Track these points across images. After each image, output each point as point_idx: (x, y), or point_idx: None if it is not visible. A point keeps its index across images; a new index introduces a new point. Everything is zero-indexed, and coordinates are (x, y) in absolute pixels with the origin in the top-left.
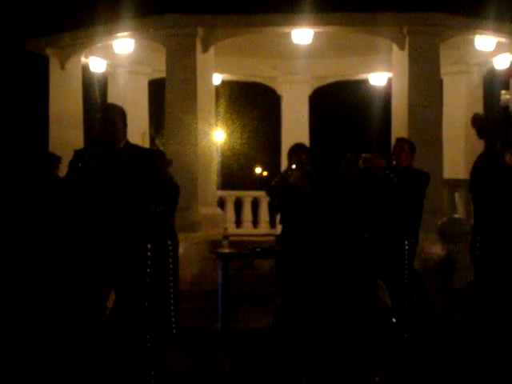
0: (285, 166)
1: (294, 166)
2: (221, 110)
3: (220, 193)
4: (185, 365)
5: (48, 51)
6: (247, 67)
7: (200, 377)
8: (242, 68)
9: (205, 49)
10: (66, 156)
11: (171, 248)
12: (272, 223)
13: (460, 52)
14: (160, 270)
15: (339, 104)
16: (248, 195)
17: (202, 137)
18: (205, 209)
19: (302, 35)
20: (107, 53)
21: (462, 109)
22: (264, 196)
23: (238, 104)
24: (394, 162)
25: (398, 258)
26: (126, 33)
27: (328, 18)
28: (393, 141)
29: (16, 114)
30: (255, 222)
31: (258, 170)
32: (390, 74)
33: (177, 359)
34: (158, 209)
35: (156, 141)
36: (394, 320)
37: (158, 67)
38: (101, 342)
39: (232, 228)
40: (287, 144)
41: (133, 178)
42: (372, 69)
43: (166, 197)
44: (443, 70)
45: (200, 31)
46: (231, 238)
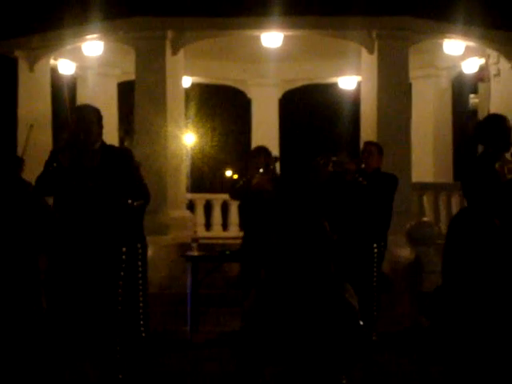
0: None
1: (262, 170)
2: (191, 113)
3: (190, 195)
4: (153, 368)
5: (17, 53)
6: (217, 70)
7: (169, 380)
8: (212, 71)
9: (174, 51)
10: (35, 158)
11: (140, 251)
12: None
13: (429, 56)
14: (129, 273)
15: (309, 107)
16: (218, 198)
17: (172, 139)
18: (174, 212)
19: (272, 38)
20: (76, 55)
21: (431, 113)
22: None
23: (209, 107)
24: (363, 166)
25: (367, 261)
26: (95, 35)
27: (297, 22)
28: (362, 144)
29: None
30: (225, 225)
31: (229, 173)
32: (360, 78)
33: (145, 363)
34: (136, 203)
35: (125, 143)
36: (362, 323)
37: (128, 69)
38: (62, 345)
39: (202, 231)
40: None
41: (108, 178)
42: (341, 72)
43: (144, 191)
44: (412, 74)
45: (169, 34)
46: (201, 241)
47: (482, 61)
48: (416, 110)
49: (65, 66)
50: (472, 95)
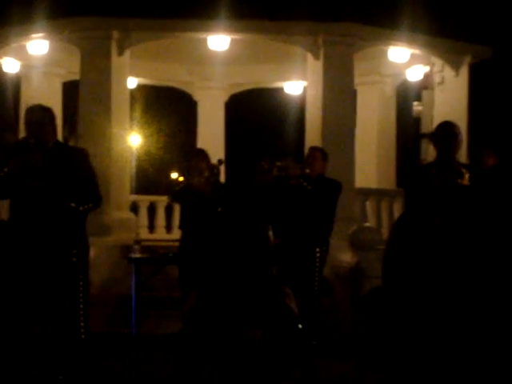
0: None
1: (206, 174)
2: (136, 114)
3: (134, 197)
4: (94, 370)
5: None
6: (163, 72)
7: (110, 382)
8: (158, 72)
9: (120, 52)
10: None
11: (82, 252)
12: None
13: (374, 63)
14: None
15: (255, 111)
16: (162, 200)
17: (116, 140)
18: (117, 213)
19: (218, 41)
20: (21, 54)
21: (375, 119)
22: None
23: (155, 108)
24: (308, 171)
25: (309, 265)
26: (41, 34)
27: (244, 25)
28: (306, 149)
29: None
30: (168, 227)
31: (174, 175)
32: (306, 83)
33: (86, 364)
34: (85, 206)
35: (70, 143)
36: (301, 326)
37: (73, 69)
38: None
39: (145, 233)
40: None
41: (55, 178)
42: (287, 77)
43: (95, 194)
44: (357, 80)
45: (115, 34)
46: (144, 243)
47: (427, 69)
48: (360, 117)
49: (9, 65)
50: (416, 103)
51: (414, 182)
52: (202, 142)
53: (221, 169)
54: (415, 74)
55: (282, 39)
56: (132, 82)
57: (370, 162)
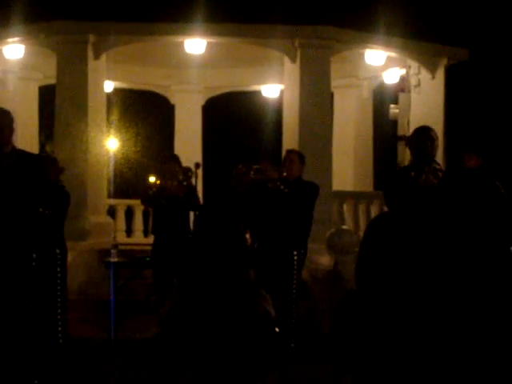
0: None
1: (181, 177)
2: (113, 118)
3: (111, 201)
4: (71, 374)
5: None
6: (140, 75)
7: None
8: (135, 76)
9: (96, 56)
10: None
11: (59, 256)
12: None
13: (350, 66)
14: (47, 279)
15: (232, 114)
16: (139, 204)
17: (93, 144)
18: (94, 217)
19: (195, 45)
20: None
21: (352, 122)
22: None
23: (132, 112)
24: (285, 174)
25: (287, 268)
26: (16, 38)
27: (220, 29)
28: (284, 152)
29: None
30: (146, 231)
31: (152, 179)
32: (283, 86)
33: (63, 369)
34: (46, 211)
35: (46, 147)
36: (278, 330)
37: (50, 73)
38: None
39: (122, 237)
40: (180, 153)
41: (19, 182)
42: (264, 80)
43: (54, 199)
44: (334, 83)
45: (91, 38)
46: (121, 247)
47: (403, 71)
48: (337, 120)
49: None
50: (392, 105)
51: (395, 184)
52: (180, 146)
53: (198, 172)
54: (392, 77)
55: (259, 42)
56: (109, 86)
57: (348, 165)
